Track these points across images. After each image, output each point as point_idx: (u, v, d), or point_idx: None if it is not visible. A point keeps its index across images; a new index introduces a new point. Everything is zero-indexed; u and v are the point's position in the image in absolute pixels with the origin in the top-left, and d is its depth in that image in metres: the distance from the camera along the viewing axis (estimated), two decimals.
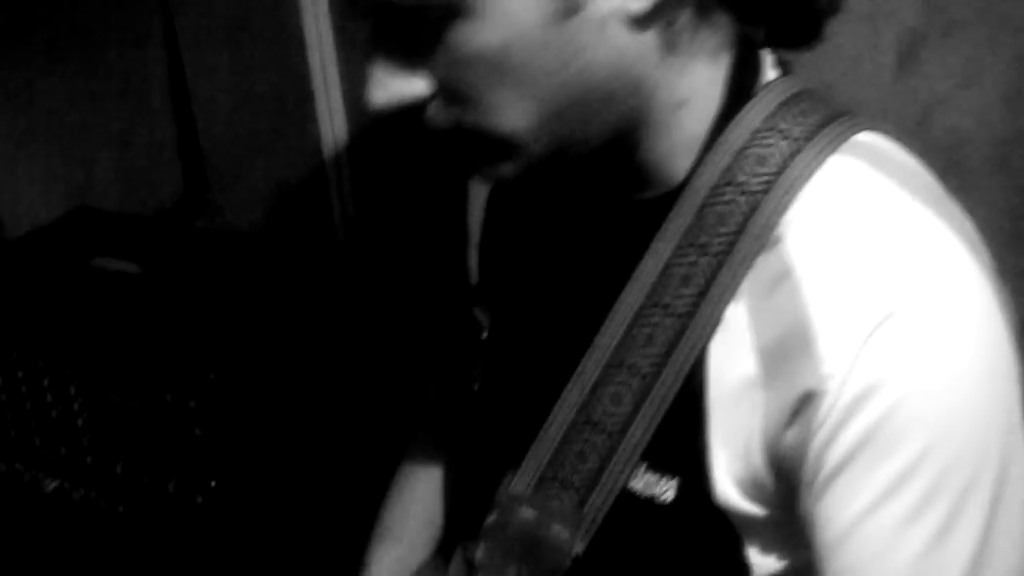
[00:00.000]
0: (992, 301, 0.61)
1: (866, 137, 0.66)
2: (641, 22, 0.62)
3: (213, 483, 1.29)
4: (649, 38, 0.63)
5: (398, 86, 0.64)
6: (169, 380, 1.27)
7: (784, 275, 0.61)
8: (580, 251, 0.75)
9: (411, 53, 0.63)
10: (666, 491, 0.65)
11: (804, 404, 0.59)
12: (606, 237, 0.72)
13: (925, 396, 0.57)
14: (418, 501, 1.01)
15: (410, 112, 0.65)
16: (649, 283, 0.66)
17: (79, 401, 1.36)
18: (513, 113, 0.62)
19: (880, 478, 0.58)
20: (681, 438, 0.64)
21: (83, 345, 1.34)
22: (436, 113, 0.65)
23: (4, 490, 1.45)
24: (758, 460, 0.62)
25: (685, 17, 0.64)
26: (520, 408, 0.74)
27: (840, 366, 0.58)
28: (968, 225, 0.65)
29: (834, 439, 0.59)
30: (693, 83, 0.66)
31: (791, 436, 0.61)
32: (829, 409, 0.58)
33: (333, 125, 1.43)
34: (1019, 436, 0.61)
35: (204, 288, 1.40)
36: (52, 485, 1.43)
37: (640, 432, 0.65)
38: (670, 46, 0.64)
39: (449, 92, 0.64)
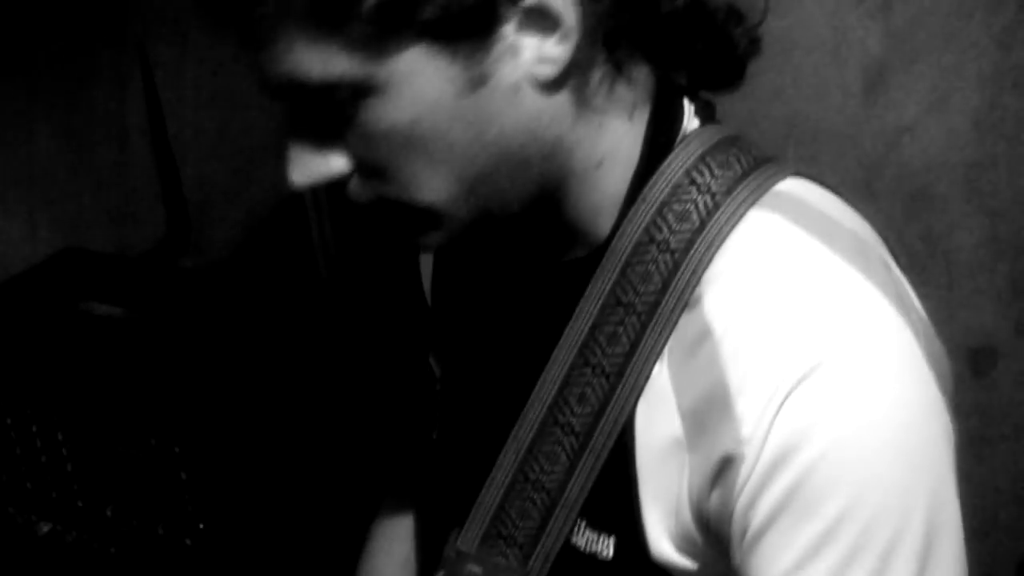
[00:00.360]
0: (916, 357, 0.60)
1: (787, 186, 0.65)
2: (553, 85, 0.62)
3: (201, 525, 1.30)
4: (563, 100, 0.63)
5: (316, 166, 0.64)
6: (154, 424, 1.28)
7: (704, 336, 0.61)
8: (515, 309, 0.75)
9: (326, 132, 0.63)
10: (606, 548, 0.65)
11: (725, 467, 0.59)
12: (538, 295, 0.72)
13: (842, 458, 0.57)
14: (391, 558, 1.02)
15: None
16: (578, 342, 0.66)
17: (67, 446, 1.37)
18: (432, 185, 0.63)
19: (802, 540, 0.58)
20: (616, 496, 0.64)
21: (70, 390, 1.35)
22: (357, 188, 0.65)
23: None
24: (688, 518, 0.63)
25: (599, 75, 0.64)
26: (466, 463, 0.75)
27: (756, 431, 0.58)
28: (893, 274, 0.65)
29: (755, 503, 0.59)
30: (612, 139, 0.66)
31: (715, 498, 0.61)
32: (748, 473, 0.58)
33: None
34: (950, 491, 0.60)
35: (187, 330, 1.41)
36: (45, 528, 1.44)
37: (577, 490, 0.66)
38: (585, 106, 0.64)
39: (367, 168, 0.64)
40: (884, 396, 0.58)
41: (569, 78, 0.62)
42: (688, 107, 0.69)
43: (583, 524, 0.66)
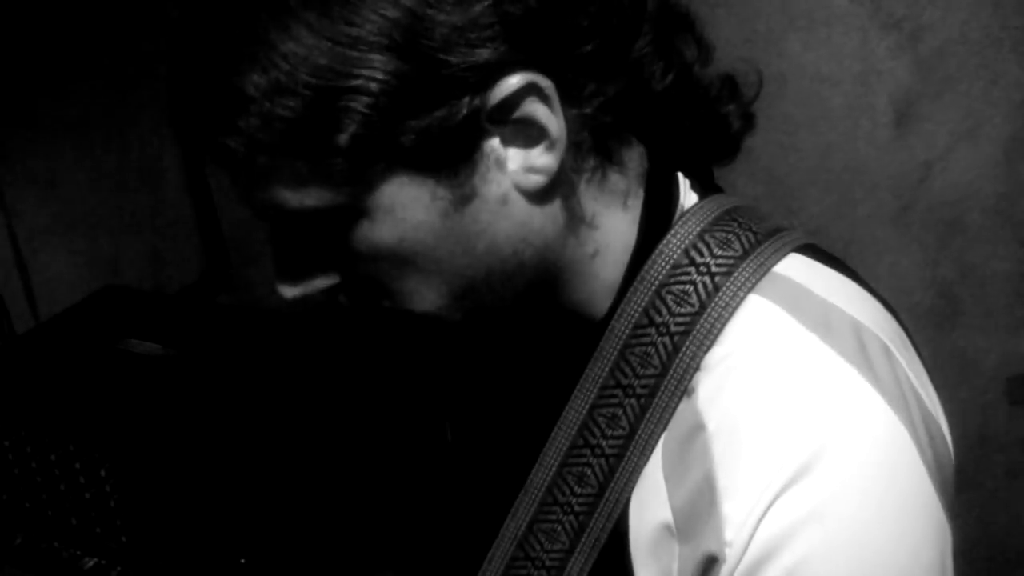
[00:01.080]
0: (907, 460, 0.58)
1: (789, 267, 0.63)
2: (542, 194, 0.61)
3: (243, 560, 1.32)
4: (554, 204, 0.62)
5: (307, 281, 0.63)
6: (196, 460, 1.29)
7: (697, 429, 0.60)
8: (516, 386, 0.75)
9: (314, 250, 0.62)
10: None
11: (709, 567, 0.58)
12: (538, 374, 0.71)
13: (823, 568, 0.56)
14: None
15: None
16: (578, 422, 0.65)
17: (110, 483, 1.39)
18: (425, 296, 0.62)
19: None
20: None
21: (112, 428, 1.37)
22: (352, 295, 0.64)
23: (45, 568, 1.48)
24: None
25: (588, 174, 0.63)
26: (468, 537, 0.75)
27: (740, 534, 0.57)
28: (895, 363, 0.61)
29: None
30: (607, 229, 0.65)
31: None
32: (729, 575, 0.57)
33: None
34: None
35: (226, 366, 1.43)
36: (90, 563, 1.46)
37: (577, 569, 0.65)
38: (576, 205, 0.63)
39: (359, 282, 0.63)
40: (871, 504, 0.56)
41: (559, 184, 0.61)
42: (684, 182, 0.67)
43: None
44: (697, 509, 0.59)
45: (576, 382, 0.65)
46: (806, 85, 1.20)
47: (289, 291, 0.64)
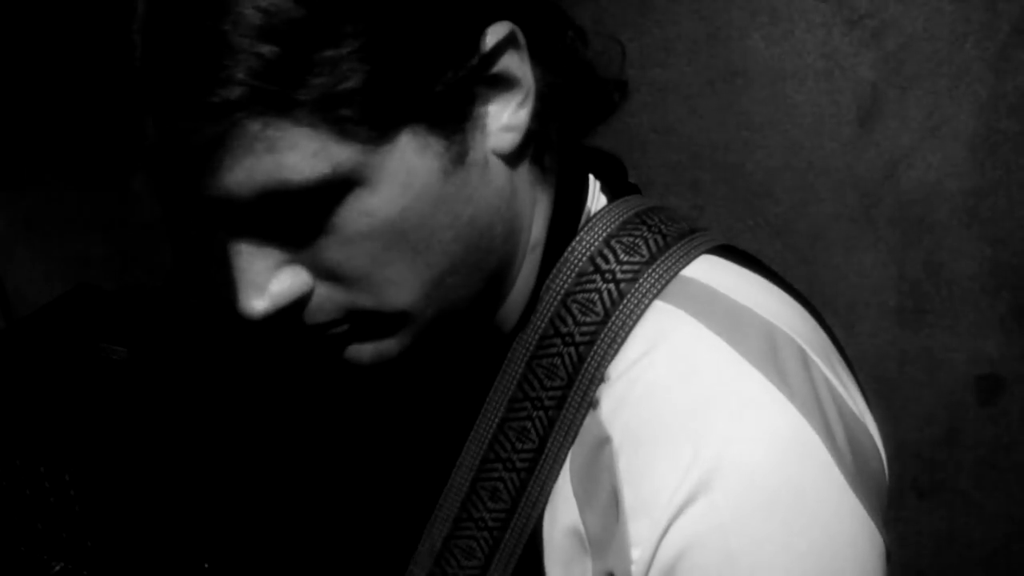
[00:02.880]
0: (821, 464, 0.55)
1: (697, 270, 0.61)
2: (515, 157, 0.59)
3: (206, 565, 1.31)
4: (522, 172, 0.61)
5: (279, 285, 0.55)
6: (160, 465, 1.28)
7: (602, 444, 0.58)
8: (428, 398, 0.72)
9: (289, 244, 0.55)
10: None
11: None
12: (449, 386, 0.69)
13: None
14: None
15: None
16: (488, 436, 0.63)
17: (75, 488, 1.38)
18: (405, 286, 0.57)
19: None
20: None
21: (77, 432, 1.36)
22: (325, 301, 0.57)
23: (13, 572, 1.48)
24: None
25: (539, 148, 0.61)
26: (383, 552, 0.73)
27: (644, 555, 0.55)
28: (812, 370, 0.59)
29: None
30: (540, 224, 0.63)
31: None
32: None
33: None
34: None
35: (193, 369, 1.42)
36: (57, 567, 1.46)
37: None
38: (541, 177, 0.62)
39: (336, 276, 0.57)
40: (778, 514, 0.54)
41: (527, 148, 0.60)
42: (594, 183, 0.65)
43: None
44: (606, 525, 0.58)
45: (486, 395, 0.64)
46: (769, 82, 1.18)
47: (259, 305, 0.55)
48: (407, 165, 0.54)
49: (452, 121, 0.55)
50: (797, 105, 1.19)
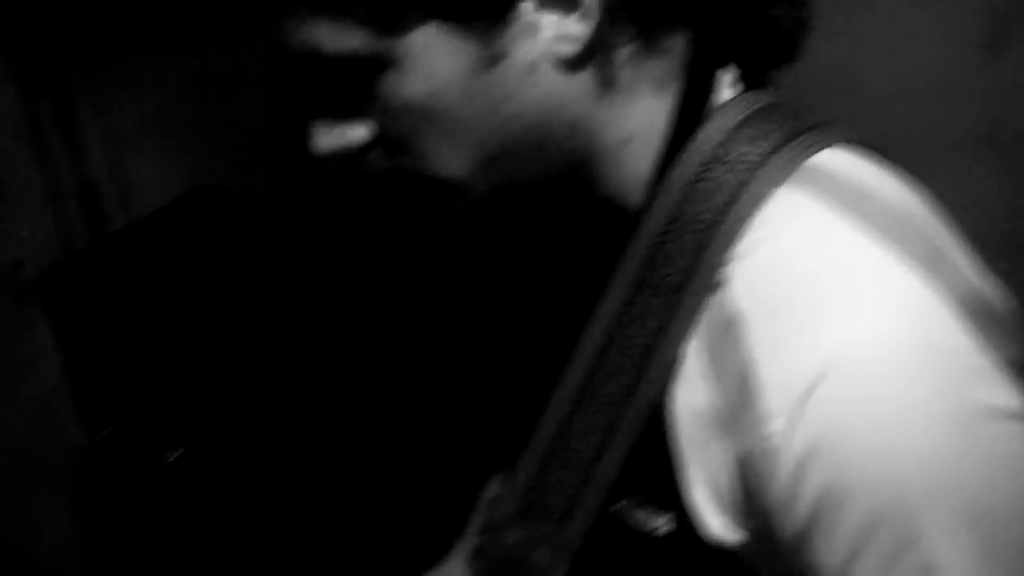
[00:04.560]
0: (950, 340, 0.56)
1: (822, 159, 0.63)
2: (573, 64, 0.62)
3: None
4: (584, 78, 0.63)
5: (340, 132, 0.65)
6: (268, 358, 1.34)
7: (731, 322, 0.60)
8: (548, 288, 0.76)
9: (348, 102, 0.64)
10: (659, 526, 0.65)
11: (756, 461, 0.58)
12: (569, 275, 0.72)
13: (869, 456, 0.55)
14: None
15: None
16: (609, 321, 0.66)
17: (190, 378, 1.44)
18: (449, 158, 0.64)
19: (842, 539, 0.56)
20: (662, 476, 0.64)
21: (191, 326, 1.42)
22: (377, 161, 0.66)
23: (131, 460, 1.54)
24: (733, 500, 0.62)
25: (625, 53, 0.63)
26: (506, 428, 0.76)
27: (781, 428, 0.56)
28: (935, 246, 0.61)
29: (791, 503, 0.57)
30: (641, 116, 0.65)
31: (754, 489, 0.59)
32: (778, 472, 0.57)
33: None
34: (1006, 478, 0.56)
35: (301, 269, 1.46)
36: (175, 454, 1.51)
37: (614, 466, 0.66)
38: (609, 83, 0.63)
39: (387, 140, 0.65)
40: (911, 388, 0.55)
41: (591, 56, 0.62)
42: (725, 78, 0.67)
43: (634, 502, 0.66)
44: (737, 402, 0.59)
45: (607, 280, 0.66)
46: (894, 2, 1.17)
47: (324, 140, 0.66)
48: (428, 56, 0.60)
49: (481, 22, 0.60)
50: (921, 31, 1.18)
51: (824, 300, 0.58)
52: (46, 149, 1.60)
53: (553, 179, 0.66)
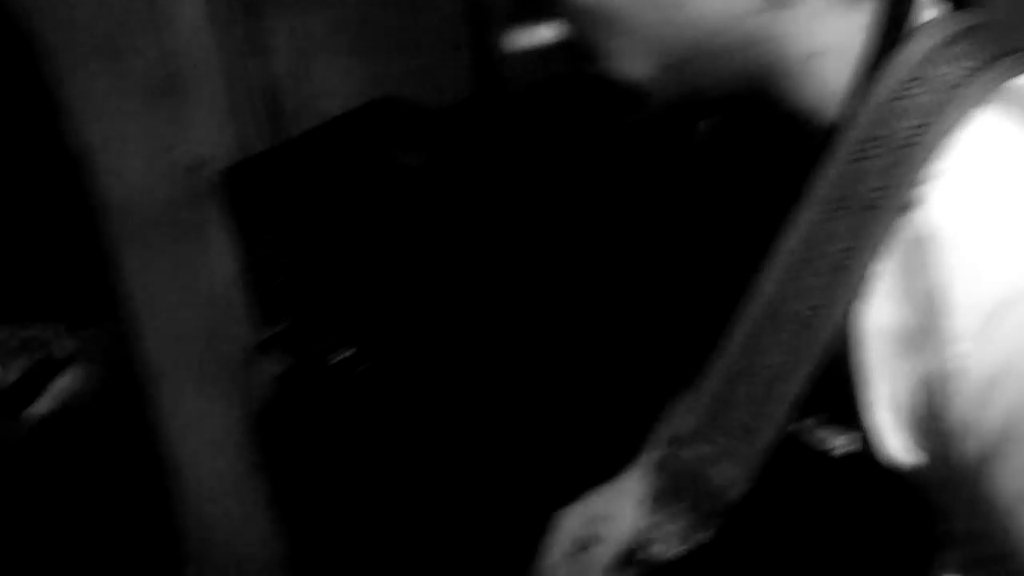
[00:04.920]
0: None
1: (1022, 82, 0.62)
2: None
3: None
4: None
5: (530, 32, 0.75)
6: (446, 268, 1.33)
7: (926, 241, 0.60)
8: (738, 202, 0.77)
9: (536, 4, 0.68)
10: (837, 445, 0.66)
11: (943, 381, 0.58)
12: (760, 189, 0.73)
13: None
14: None
15: None
16: (800, 238, 0.66)
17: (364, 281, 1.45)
18: (633, 61, 0.66)
19: (1022, 467, 0.56)
20: (845, 394, 0.64)
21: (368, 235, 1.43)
22: (565, 63, 0.69)
23: (307, 362, 1.56)
24: (916, 420, 0.62)
25: None
26: (688, 346, 0.77)
27: (969, 350, 0.57)
28: None
29: (973, 427, 0.58)
30: (831, 31, 0.65)
31: (936, 408, 0.60)
32: (963, 394, 0.57)
33: None
34: None
35: (484, 184, 1.45)
36: (343, 355, 1.53)
37: (797, 383, 0.67)
38: None
39: (574, 43, 0.68)
40: None
41: None
42: None
43: (816, 421, 0.67)
44: (927, 320, 0.59)
45: (795, 196, 0.66)
46: None
47: (521, 38, 0.75)
48: None
49: None
50: None
51: (1021, 224, 0.58)
52: (230, 47, 1.61)
53: (736, 89, 0.67)
